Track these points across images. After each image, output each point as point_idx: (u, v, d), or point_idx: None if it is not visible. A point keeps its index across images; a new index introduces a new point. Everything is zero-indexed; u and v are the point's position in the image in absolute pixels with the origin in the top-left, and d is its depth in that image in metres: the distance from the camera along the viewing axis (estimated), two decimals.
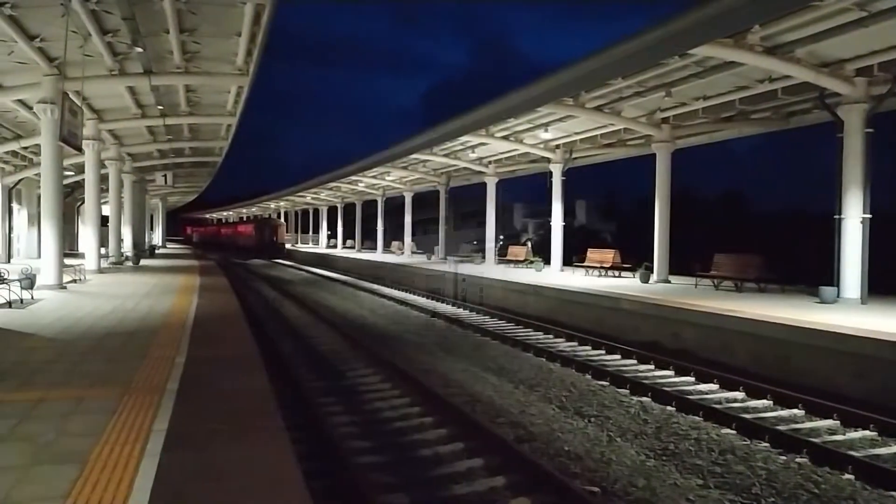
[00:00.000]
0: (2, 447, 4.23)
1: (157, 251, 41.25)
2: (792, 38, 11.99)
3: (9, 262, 22.91)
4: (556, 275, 22.15)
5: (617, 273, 21.07)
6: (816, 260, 17.56)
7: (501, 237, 31.63)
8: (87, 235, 22.84)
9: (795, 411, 8.61)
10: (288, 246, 59.39)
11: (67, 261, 17.19)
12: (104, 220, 25.64)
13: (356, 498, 5.53)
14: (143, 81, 16.40)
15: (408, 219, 40.18)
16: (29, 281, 12.85)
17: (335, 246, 57.05)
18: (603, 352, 12.60)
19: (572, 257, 24.19)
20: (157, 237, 56.50)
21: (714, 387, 9.94)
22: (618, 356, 12.18)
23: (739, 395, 9.48)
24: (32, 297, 12.70)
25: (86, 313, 11.12)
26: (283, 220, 70.23)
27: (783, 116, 16.88)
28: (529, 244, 29.82)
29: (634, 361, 11.73)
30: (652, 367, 11.29)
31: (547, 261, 24.64)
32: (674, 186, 19.22)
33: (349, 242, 54.46)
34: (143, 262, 28.91)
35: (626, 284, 17.90)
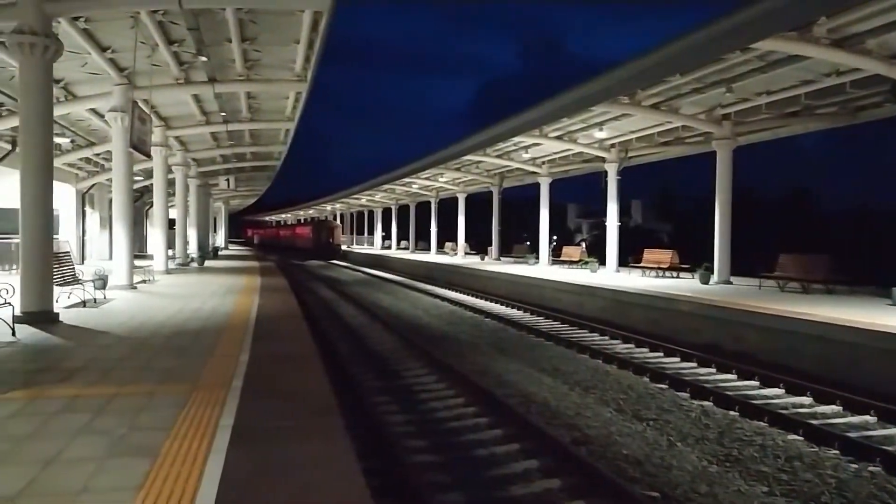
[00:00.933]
0: (80, 440, 4.47)
1: (219, 253, 42.61)
2: (862, 30, 11.46)
3: (82, 263, 24.07)
4: (611, 276, 21.81)
5: (675, 274, 20.60)
6: (887, 260, 16.73)
7: (555, 238, 31.31)
8: (155, 238, 23.80)
9: (867, 418, 8.24)
10: (344, 247, 60.36)
11: (137, 262, 17.94)
12: (171, 223, 26.68)
13: (413, 496, 5.60)
14: (207, 89, 17.01)
15: (461, 220, 40.28)
16: (102, 281, 13.48)
17: (389, 247, 57.68)
18: (661, 354, 12.35)
19: (628, 258, 23.78)
20: (219, 239, 58.36)
21: (779, 391, 9.61)
22: (677, 359, 11.92)
23: (806, 399, 9.14)
24: (105, 297, 13.32)
25: (155, 312, 11.60)
26: (338, 221, 71.43)
27: (851, 111, 16.15)
28: (584, 245, 29.45)
29: (694, 364, 11.45)
30: (713, 370, 10.99)
31: (602, 261, 24.28)
32: (735, 184, 18.66)
33: (403, 243, 54.98)
34: (207, 263, 29.93)
35: (685, 286, 17.48)
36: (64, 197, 25.52)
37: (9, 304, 8.68)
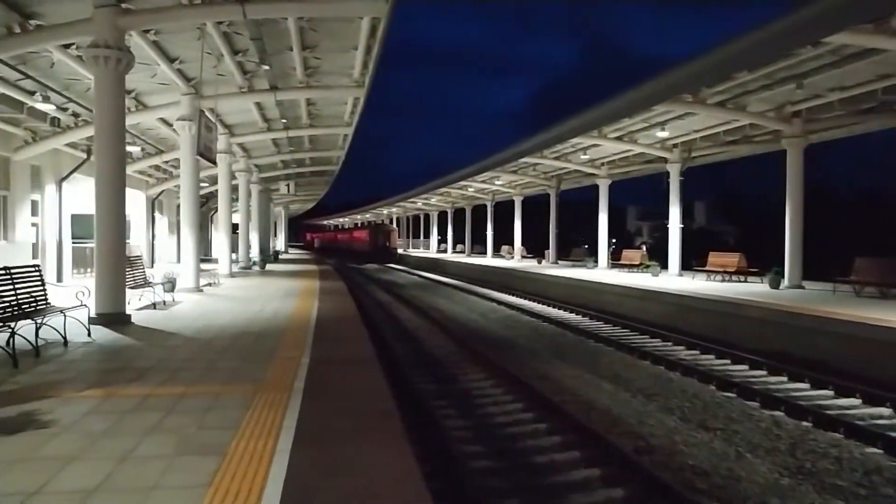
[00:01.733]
0: (151, 438, 4.62)
1: (280, 256, 43.68)
2: None
3: (152, 266, 25.09)
4: (674, 280, 21.23)
5: (742, 278, 19.88)
6: None
7: (614, 241, 30.74)
8: (219, 242, 24.57)
9: None
10: (400, 251, 60.90)
11: (203, 265, 18.56)
12: (234, 228, 27.51)
13: (472, 502, 5.55)
14: (269, 97, 17.47)
15: (517, 223, 40.05)
16: (171, 284, 14.01)
17: (445, 250, 57.89)
18: (728, 361, 11.91)
19: (691, 261, 23.09)
20: (279, 243, 59.85)
21: (856, 402, 9.11)
22: (745, 366, 11.47)
23: (886, 411, 8.64)
24: (173, 300, 13.82)
25: (219, 314, 11.96)
26: (395, 225, 72.15)
27: None
28: (644, 247, 28.79)
29: (764, 372, 10.99)
30: (784, 378, 10.52)
31: (664, 265, 23.66)
32: (806, 184, 17.87)
33: (459, 247, 55.07)
34: (268, 266, 30.71)
35: (754, 290, 16.84)
36: (135, 203, 26.65)
37: (85, 305, 9.09)
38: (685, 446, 7.29)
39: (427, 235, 67.47)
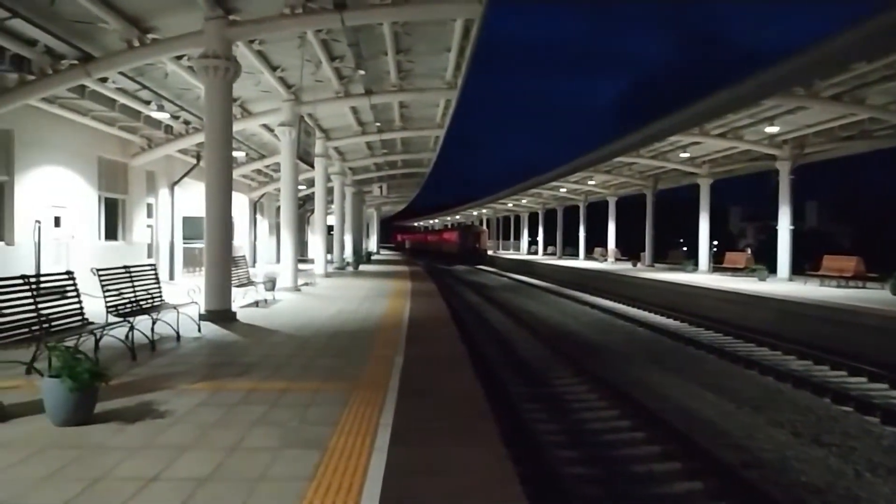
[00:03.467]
0: (257, 430, 4.81)
1: (372, 257, 44.74)
2: None
3: (254, 266, 26.32)
4: (783, 285, 20.00)
5: (860, 283, 18.45)
6: None
7: (715, 243, 29.36)
8: (315, 243, 25.45)
9: None
10: (490, 252, 60.90)
11: (300, 266, 19.27)
12: (329, 229, 28.43)
13: None
14: (364, 101, 17.93)
15: (611, 224, 39.09)
16: (271, 283, 14.61)
17: (536, 252, 57.36)
18: (844, 373, 11.06)
19: (803, 265, 21.66)
20: (371, 244, 61.33)
21: None
22: (863, 379, 10.62)
23: None
24: (274, 298, 14.42)
25: (316, 313, 12.36)
26: (485, 226, 72.22)
27: None
28: (749, 250, 27.32)
29: (885, 386, 10.13)
30: None
31: (771, 269, 22.34)
32: None
33: (550, 249, 54.41)
34: (361, 267, 31.51)
35: (873, 297, 15.60)
36: (238, 206, 28.06)
37: (195, 302, 9.62)
38: (797, 462, 6.82)
39: (517, 237, 67.13)
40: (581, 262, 40.13)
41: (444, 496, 3.68)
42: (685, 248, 33.72)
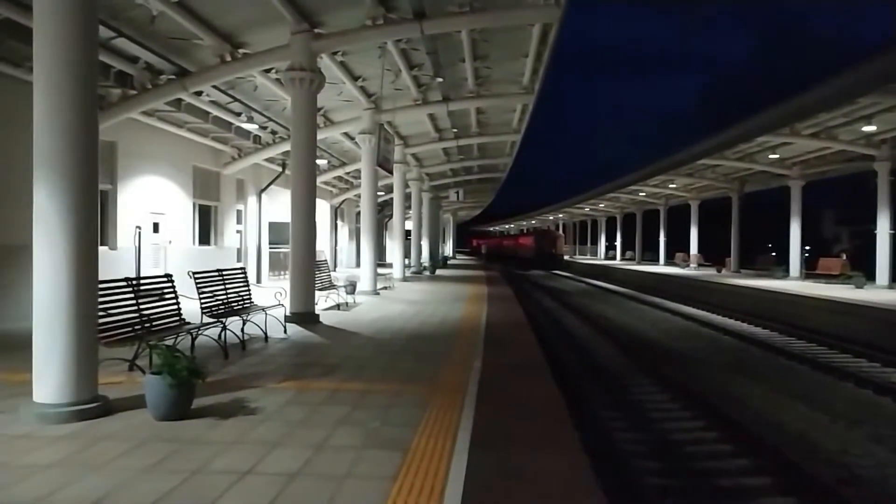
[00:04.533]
0: (341, 429, 4.98)
1: (448, 262, 45.10)
2: None
3: (334, 270, 27.07)
4: (882, 292, 18.76)
5: None
6: None
7: (807, 248, 27.87)
8: (393, 248, 25.94)
9: None
10: (566, 257, 60.12)
11: (378, 270, 19.69)
12: (407, 234, 28.89)
13: None
14: (442, 108, 18.17)
15: (694, 229, 37.79)
16: (352, 287, 15.04)
17: (614, 257, 56.20)
18: None
19: None
20: (447, 249, 61.79)
21: None
22: None
23: None
24: (354, 301, 14.82)
25: (395, 316, 12.61)
26: (561, 231, 71.35)
27: None
28: (845, 256, 25.79)
29: None
30: None
31: (869, 276, 21.00)
32: None
33: (628, 254, 53.17)
34: (437, 271, 31.84)
35: None
36: (320, 212, 28.93)
37: (282, 305, 10.03)
38: None
39: (594, 242, 65.96)
40: (661, 268, 38.99)
41: (525, 501, 3.70)
42: (774, 254, 32.14)
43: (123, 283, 6.70)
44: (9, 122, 9.62)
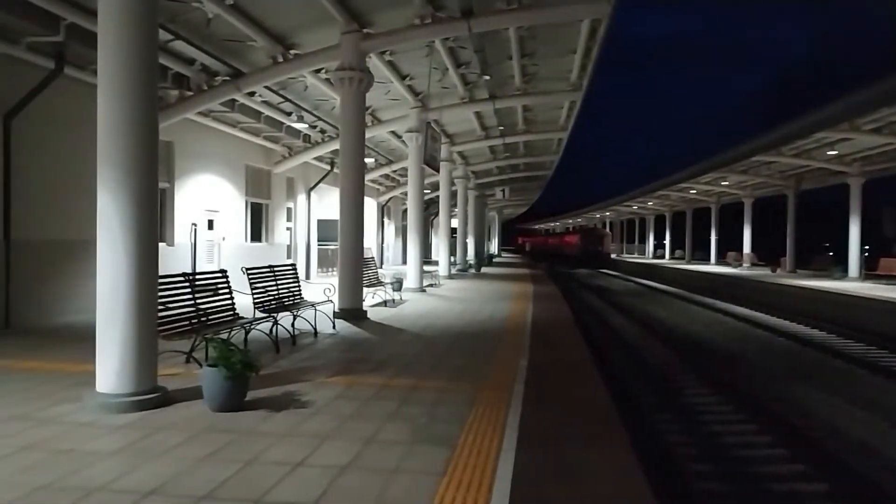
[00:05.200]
0: (390, 424, 5.05)
1: (493, 260, 45.01)
2: None
3: (381, 267, 27.35)
4: None
5: None
6: None
7: (867, 248, 26.79)
8: (438, 245, 26.04)
9: None
10: (613, 256, 59.26)
11: (424, 267, 19.80)
12: (452, 232, 28.96)
13: None
14: (488, 106, 18.14)
15: (747, 227, 36.76)
16: (398, 284, 15.18)
17: (662, 256, 55.12)
18: None
19: None
20: (493, 247, 61.66)
21: None
22: None
23: None
24: (401, 298, 14.96)
25: (441, 314, 12.68)
26: (608, 229, 70.36)
27: None
28: None
29: None
30: None
31: None
32: None
33: (678, 252, 52.07)
34: (483, 269, 31.82)
35: None
36: (368, 209, 29.25)
37: (330, 301, 10.21)
38: None
39: (642, 240, 64.84)
40: (712, 267, 38.06)
41: (576, 502, 3.69)
42: (831, 254, 31.00)
43: (182, 279, 6.94)
44: (77, 124, 10.04)
